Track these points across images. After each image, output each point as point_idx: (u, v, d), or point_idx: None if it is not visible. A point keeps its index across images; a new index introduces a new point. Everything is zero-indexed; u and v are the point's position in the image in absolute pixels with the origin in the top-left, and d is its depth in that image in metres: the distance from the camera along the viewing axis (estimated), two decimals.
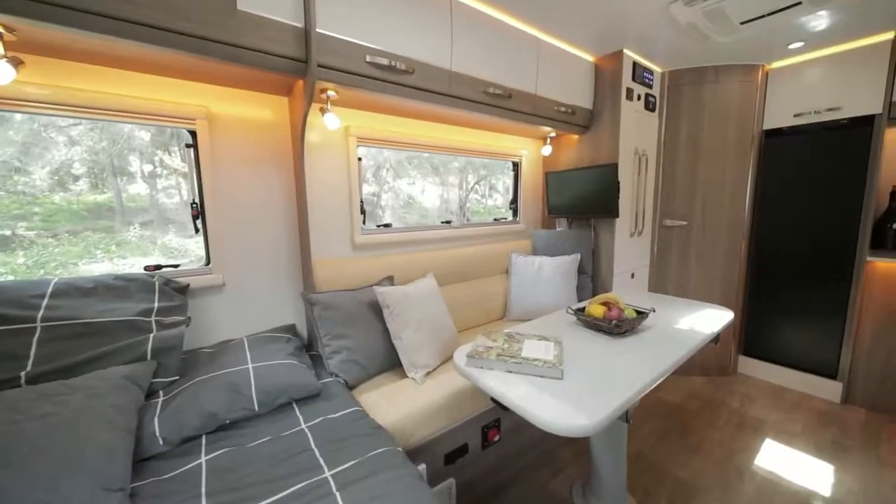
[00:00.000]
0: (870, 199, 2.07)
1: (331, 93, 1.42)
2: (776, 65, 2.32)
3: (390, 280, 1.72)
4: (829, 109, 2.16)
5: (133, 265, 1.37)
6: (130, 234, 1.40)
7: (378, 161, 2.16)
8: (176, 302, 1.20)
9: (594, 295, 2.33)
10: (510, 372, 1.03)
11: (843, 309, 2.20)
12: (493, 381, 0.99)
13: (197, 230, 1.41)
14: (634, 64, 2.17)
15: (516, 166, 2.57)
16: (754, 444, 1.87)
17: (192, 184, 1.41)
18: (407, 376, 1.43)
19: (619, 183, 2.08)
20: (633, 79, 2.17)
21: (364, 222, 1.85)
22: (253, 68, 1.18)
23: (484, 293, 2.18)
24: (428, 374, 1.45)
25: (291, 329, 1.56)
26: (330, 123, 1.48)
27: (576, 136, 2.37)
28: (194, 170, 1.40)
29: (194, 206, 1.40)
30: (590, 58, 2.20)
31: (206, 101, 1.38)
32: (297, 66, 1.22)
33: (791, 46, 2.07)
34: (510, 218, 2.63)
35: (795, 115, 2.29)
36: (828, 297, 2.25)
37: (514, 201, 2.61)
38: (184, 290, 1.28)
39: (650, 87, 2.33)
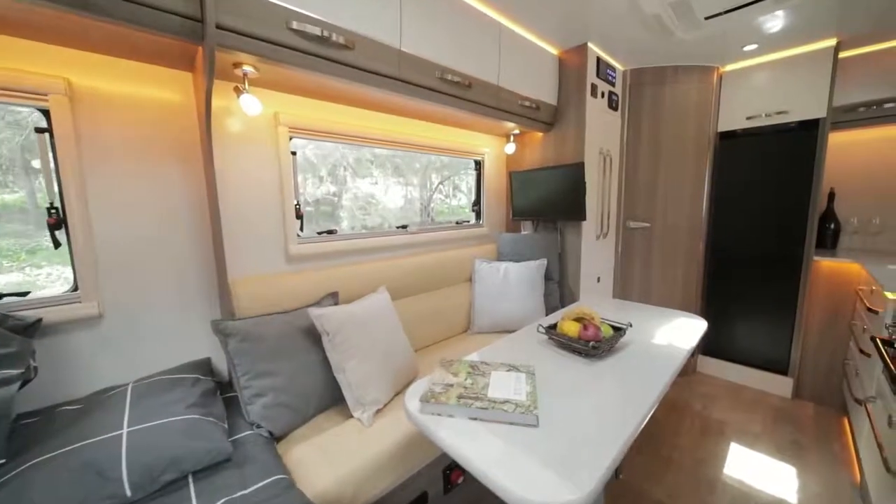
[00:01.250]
0: (815, 201, 2.13)
1: (247, 68, 1.13)
2: (729, 67, 2.35)
3: (334, 297, 1.45)
4: (778, 113, 2.21)
5: None
6: None
7: (335, 158, 1.88)
8: (11, 348, 0.85)
9: (562, 302, 2.22)
10: (475, 419, 0.82)
11: (793, 307, 2.27)
12: (453, 434, 0.78)
13: (57, 244, 1.05)
14: (598, 59, 2.07)
15: (479, 165, 2.39)
16: (721, 451, 1.84)
17: (48, 182, 1.05)
18: (353, 416, 1.18)
19: (585, 184, 1.96)
20: (598, 75, 2.08)
21: (302, 228, 1.56)
22: (129, 26, 0.87)
23: (446, 305, 1.97)
24: (378, 411, 1.21)
25: (204, 366, 1.24)
26: (249, 107, 1.19)
27: (540, 134, 2.24)
28: (51, 163, 1.04)
29: (52, 211, 1.04)
30: (554, 51, 2.07)
31: (66, 72, 1.03)
32: (190, 28, 0.92)
33: (746, 48, 2.08)
34: (473, 221, 2.45)
35: (748, 118, 2.32)
36: (779, 296, 2.31)
37: (477, 203, 2.43)
38: (30, 328, 0.93)
39: (613, 84, 2.25)
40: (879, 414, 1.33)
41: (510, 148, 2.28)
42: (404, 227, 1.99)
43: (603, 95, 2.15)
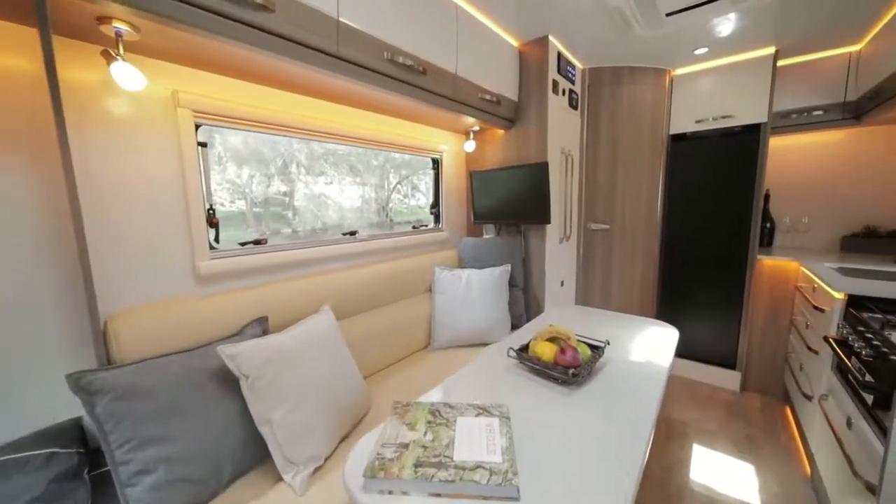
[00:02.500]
0: (758, 202, 2.22)
1: (120, 26, 0.83)
2: (679, 71, 2.39)
3: (262, 325, 1.17)
4: (724, 116, 2.28)
5: None
6: None
7: (282, 153, 1.58)
8: None
9: (527, 310, 2.10)
10: (437, 495, 0.62)
11: (739, 303, 2.36)
12: None
13: None
14: (559, 55, 1.98)
15: (437, 164, 2.20)
16: (686, 455, 1.82)
17: None
18: (282, 479, 0.93)
19: (549, 185, 1.85)
20: (559, 71, 1.98)
21: (217, 238, 1.25)
22: None
23: (403, 320, 1.76)
24: (317, 469, 0.97)
25: (68, 432, 0.90)
26: (125, 80, 0.88)
27: (501, 132, 2.10)
28: None
29: None
30: (514, 42, 1.94)
31: None
32: None
33: (697, 52, 2.11)
34: (432, 225, 2.25)
35: (697, 121, 2.38)
36: (727, 294, 2.40)
37: (436, 205, 2.24)
38: None
39: (573, 82, 2.18)
40: (834, 413, 1.34)
41: (470, 146, 2.12)
42: (352, 233, 1.74)
43: (564, 93, 2.07)
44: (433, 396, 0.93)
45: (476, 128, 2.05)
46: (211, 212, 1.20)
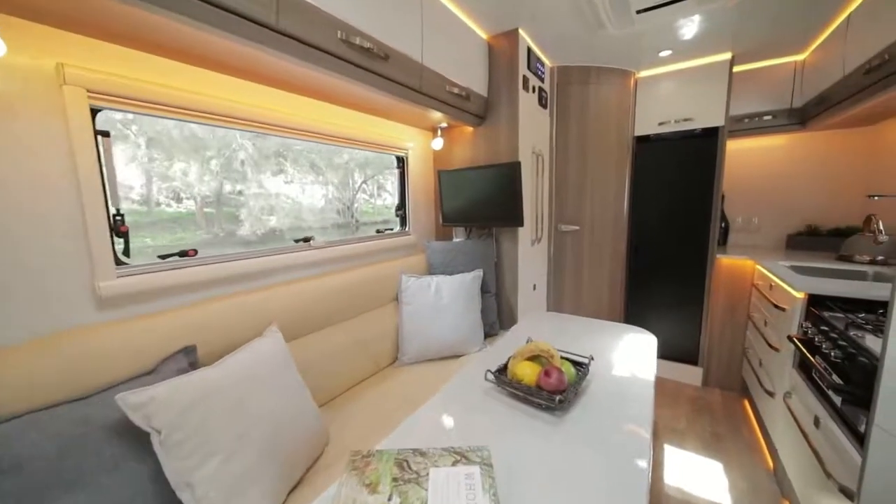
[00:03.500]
0: (717, 203, 2.29)
1: None
2: (643, 73, 2.41)
3: (188, 355, 0.96)
4: (685, 119, 2.33)
5: None
6: None
7: (240, 149, 1.33)
8: None
9: (500, 318, 2.01)
10: None
11: (700, 301, 2.43)
12: None
13: None
14: (529, 50, 1.90)
15: (402, 162, 2.04)
16: (659, 456, 1.82)
17: None
18: None
19: (521, 185, 1.77)
20: (528, 67, 1.90)
21: (128, 252, 1.01)
22: None
23: (366, 335, 1.59)
24: None
25: None
26: None
27: (470, 129, 1.99)
28: None
29: None
30: (483, 34, 1.83)
31: None
32: None
33: (661, 54, 2.12)
34: (398, 228, 2.09)
35: (659, 124, 2.41)
36: (689, 292, 2.46)
37: (402, 206, 2.08)
38: None
39: (542, 80, 2.12)
40: (800, 411, 1.37)
41: (437, 143, 1.99)
42: (306, 240, 1.54)
43: (534, 90, 1.99)
44: (400, 439, 0.78)
45: (444, 124, 1.92)
46: (118, 218, 0.97)
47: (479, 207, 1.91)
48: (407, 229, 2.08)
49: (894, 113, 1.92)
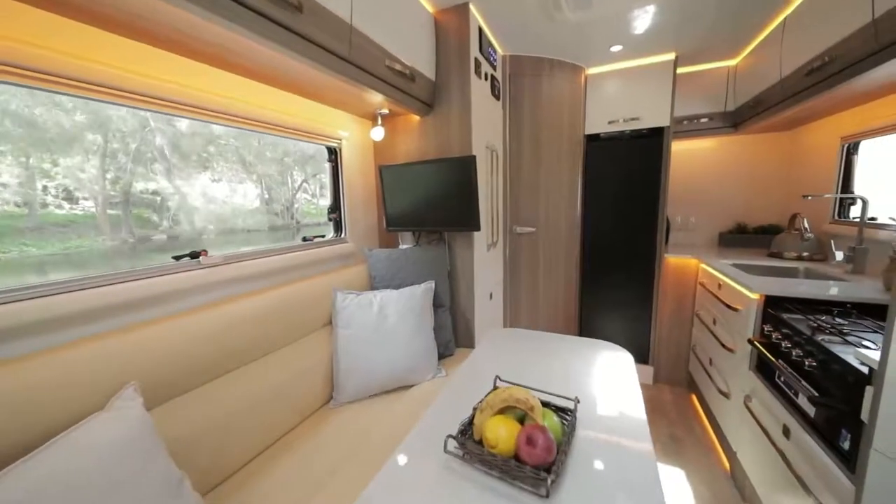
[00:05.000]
0: (664, 203, 2.31)
1: None
2: (593, 70, 2.35)
3: None
4: (632, 119, 2.31)
5: None
6: None
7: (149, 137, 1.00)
8: None
9: (455, 336, 1.76)
10: None
11: (650, 300, 2.44)
12: None
13: None
14: (481, 31, 1.68)
15: (335, 155, 1.70)
16: None
17: None
18: None
19: (477, 183, 1.54)
20: (480, 50, 1.68)
21: None
22: None
23: (288, 374, 1.24)
24: None
25: None
26: None
27: (416, 118, 1.72)
28: None
29: None
30: (429, 7, 1.57)
31: None
32: None
33: (613, 49, 2.05)
34: (331, 235, 1.74)
35: (609, 122, 2.37)
36: (639, 292, 2.46)
37: (336, 208, 1.74)
38: None
39: (494, 68, 1.92)
40: (765, 417, 1.33)
41: (378, 133, 1.68)
42: (194, 255, 1.13)
43: (486, 78, 1.78)
44: None
45: (385, 110, 1.62)
46: None
47: (429, 209, 1.65)
48: (343, 236, 1.74)
49: (811, 118, 2.06)
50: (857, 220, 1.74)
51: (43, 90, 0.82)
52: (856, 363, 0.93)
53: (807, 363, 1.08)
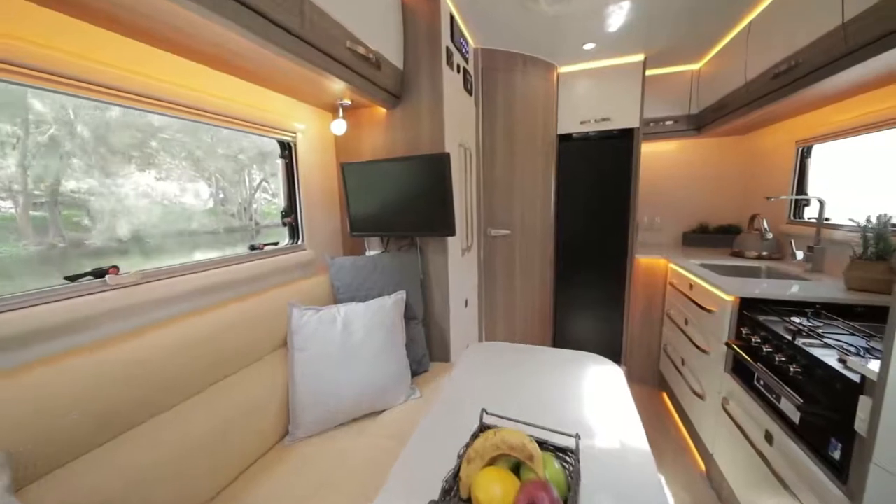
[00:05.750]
0: (635, 203, 2.31)
1: None
2: (564, 69, 2.31)
3: None
4: (603, 119, 2.29)
5: None
6: None
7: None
8: None
9: (430, 349, 1.62)
10: None
11: (622, 301, 2.45)
12: None
13: None
14: (452, 18, 1.55)
15: (289, 150, 1.50)
16: None
17: None
18: None
19: (451, 184, 1.41)
20: (452, 39, 1.55)
21: None
22: None
23: (236, 407, 1.03)
24: None
25: None
26: None
27: (383, 111, 1.56)
28: None
29: None
30: None
31: None
32: None
33: (586, 46, 2.01)
34: (286, 242, 1.53)
35: (581, 122, 2.34)
36: (612, 292, 2.47)
37: (291, 212, 1.54)
38: None
39: (466, 60, 1.80)
40: (745, 421, 1.32)
41: (339, 126, 1.50)
42: (98, 274, 0.89)
43: (459, 70, 1.66)
44: None
45: (346, 101, 1.44)
46: None
47: (399, 212, 1.49)
48: (299, 242, 1.54)
49: (767, 123, 2.14)
50: (813, 220, 1.82)
51: None
52: (840, 368, 0.91)
53: (791, 369, 1.06)
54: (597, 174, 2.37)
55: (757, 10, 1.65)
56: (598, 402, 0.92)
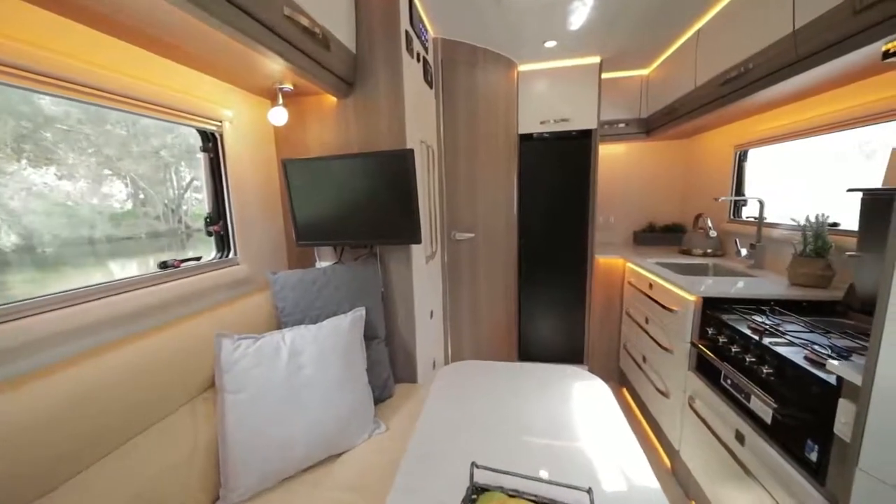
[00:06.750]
0: (594, 204, 2.33)
1: None
2: (524, 67, 2.26)
3: None
4: (563, 120, 2.28)
5: None
6: None
7: None
8: None
9: (394, 369, 1.45)
10: None
11: (583, 301, 2.47)
12: None
13: None
14: (411, 1, 1.39)
15: (212, 142, 1.23)
16: None
17: None
18: None
19: (416, 185, 1.25)
20: (411, 23, 1.39)
21: None
22: None
23: (143, 476, 0.78)
24: None
25: None
26: None
27: (333, 100, 1.35)
28: None
29: None
30: None
31: None
32: None
33: (547, 44, 1.96)
34: (213, 255, 1.26)
35: (541, 122, 2.31)
36: (573, 292, 2.47)
37: (218, 218, 1.26)
38: None
39: (426, 49, 1.65)
40: (713, 420, 1.33)
41: (279, 115, 1.26)
42: None
43: (419, 59, 1.50)
44: None
45: (287, 85, 1.21)
46: None
47: (355, 216, 1.29)
48: (230, 255, 1.27)
49: (709, 128, 2.28)
50: (751, 219, 1.96)
51: None
52: (817, 371, 0.92)
53: (763, 370, 1.07)
54: (557, 175, 2.36)
55: (704, 18, 1.71)
56: (592, 429, 0.83)
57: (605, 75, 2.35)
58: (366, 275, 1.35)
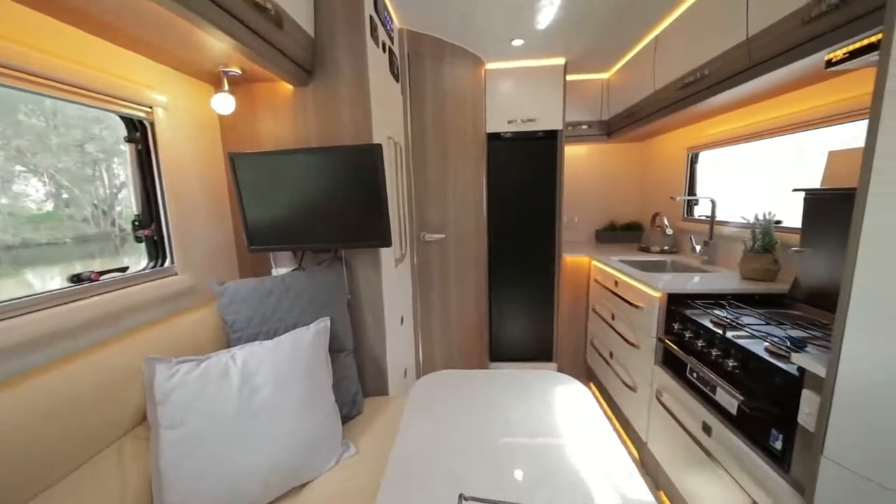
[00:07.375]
0: (561, 203, 2.37)
1: None
2: (490, 66, 2.23)
3: None
4: (529, 120, 2.29)
5: None
6: None
7: None
8: None
9: (363, 384, 1.34)
10: None
11: (552, 299, 2.50)
12: None
13: None
14: None
15: (140, 132, 1.04)
16: None
17: None
18: None
19: (385, 182, 1.15)
20: (376, 9, 1.29)
21: None
22: None
23: None
24: None
25: None
26: None
27: (290, 88, 1.21)
28: None
29: None
30: None
31: None
32: None
33: (514, 43, 1.94)
34: (144, 264, 1.07)
35: (508, 122, 2.30)
36: (542, 291, 2.49)
37: (151, 221, 1.08)
38: None
39: (392, 39, 1.55)
40: (682, 414, 1.38)
41: (224, 103, 1.10)
42: None
43: (385, 49, 1.40)
44: None
45: (234, 69, 1.06)
46: None
47: (317, 217, 1.17)
48: (167, 264, 1.09)
49: (662, 132, 2.40)
50: (703, 217, 2.08)
51: None
52: (778, 363, 0.96)
53: (728, 364, 1.11)
54: (524, 174, 2.36)
55: (662, 25, 1.78)
56: (581, 441, 0.79)
57: (568, 77, 2.39)
58: (330, 281, 1.23)
